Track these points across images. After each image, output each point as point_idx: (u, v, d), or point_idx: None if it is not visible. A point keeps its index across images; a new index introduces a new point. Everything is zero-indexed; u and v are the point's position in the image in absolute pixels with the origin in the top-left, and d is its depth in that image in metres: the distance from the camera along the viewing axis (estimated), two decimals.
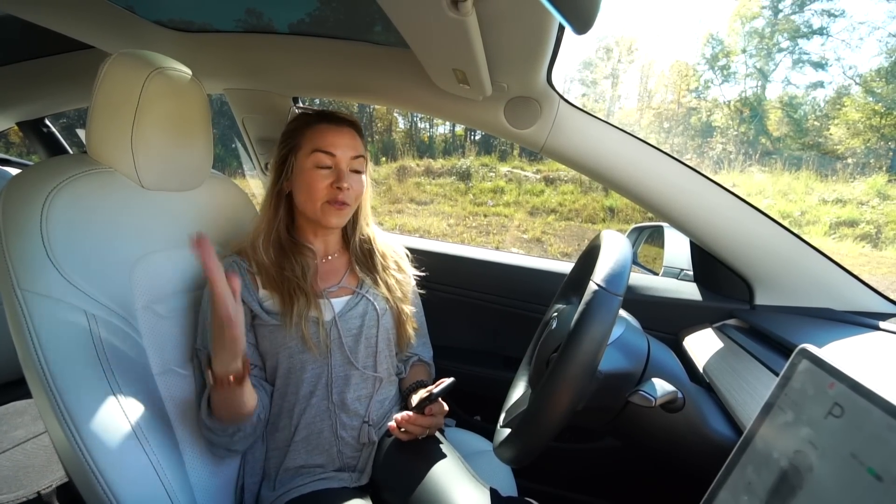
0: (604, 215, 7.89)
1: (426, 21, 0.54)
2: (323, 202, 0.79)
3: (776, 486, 0.38)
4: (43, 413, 0.60)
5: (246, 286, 0.77)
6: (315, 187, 0.78)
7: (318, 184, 0.78)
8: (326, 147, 0.78)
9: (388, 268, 0.91)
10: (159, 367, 0.73)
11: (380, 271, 0.89)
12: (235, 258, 0.80)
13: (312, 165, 0.78)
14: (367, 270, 0.88)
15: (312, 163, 0.78)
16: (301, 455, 0.79)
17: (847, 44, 13.46)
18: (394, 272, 0.91)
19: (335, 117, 0.82)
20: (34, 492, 1.02)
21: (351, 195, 0.80)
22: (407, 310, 0.89)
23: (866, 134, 10.41)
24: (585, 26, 0.45)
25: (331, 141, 0.79)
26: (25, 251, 0.60)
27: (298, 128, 0.82)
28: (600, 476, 1.17)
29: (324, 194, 0.78)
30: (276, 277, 0.78)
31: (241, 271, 0.78)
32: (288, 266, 0.80)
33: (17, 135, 1.94)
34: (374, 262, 0.90)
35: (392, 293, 0.88)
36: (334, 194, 0.78)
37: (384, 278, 0.88)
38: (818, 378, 0.38)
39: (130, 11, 0.93)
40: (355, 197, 0.82)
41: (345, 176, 0.79)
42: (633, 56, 18.22)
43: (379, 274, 0.88)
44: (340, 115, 0.83)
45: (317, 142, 0.79)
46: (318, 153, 0.78)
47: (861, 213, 6.97)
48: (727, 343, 0.85)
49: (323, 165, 0.78)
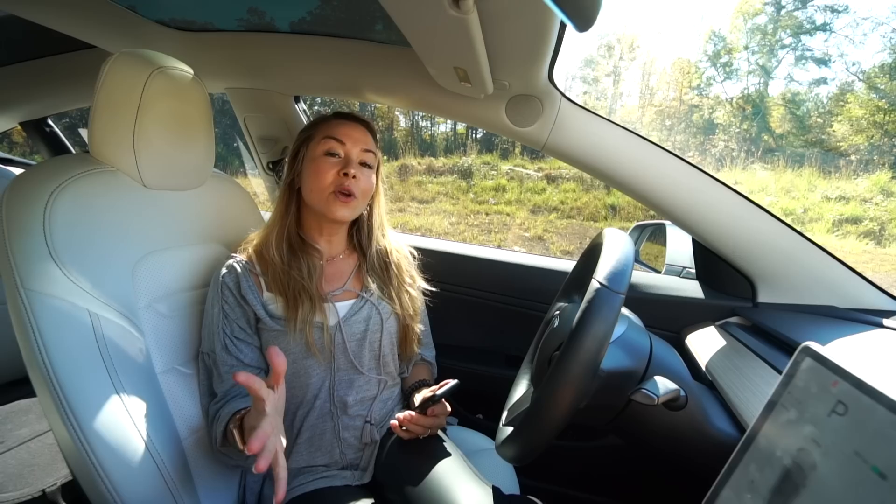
0: (606, 213, 7.88)
1: (427, 19, 0.54)
2: (329, 192, 0.78)
3: (779, 485, 0.38)
4: (47, 411, 0.60)
5: (250, 288, 0.76)
6: (323, 175, 0.78)
7: (326, 171, 0.78)
8: (338, 135, 0.79)
9: (404, 282, 0.89)
10: (162, 366, 0.73)
11: (395, 286, 0.87)
12: (239, 260, 0.79)
13: (322, 152, 0.79)
14: (382, 283, 0.87)
15: (322, 149, 0.79)
16: (304, 456, 0.79)
17: (851, 40, 13.40)
18: (408, 287, 0.89)
19: (351, 115, 0.84)
20: (39, 490, 1.03)
21: (358, 187, 0.79)
22: (417, 328, 0.89)
23: (870, 130, 10.36)
24: (587, 24, 0.45)
25: (343, 131, 0.80)
26: (29, 250, 0.60)
27: (315, 123, 0.84)
28: (602, 474, 1.17)
29: (331, 181, 0.78)
30: (282, 278, 0.77)
31: (243, 273, 0.77)
32: (295, 265, 0.79)
33: (21, 134, 1.95)
34: (389, 277, 0.88)
35: (404, 310, 0.86)
36: (341, 182, 0.77)
37: (398, 294, 0.87)
38: (821, 376, 0.38)
39: (132, 11, 0.93)
40: (363, 191, 0.81)
41: (353, 164, 0.79)
42: (634, 53, 18.17)
43: (394, 288, 0.87)
44: (358, 116, 0.84)
45: (329, 130, 0.80)
46: (328, 140, 0.79)
47: (864, 210, 6.94)
48: (730, 341, 0.85)
49: (332, 152, 0.79)
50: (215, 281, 0.77)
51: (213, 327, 0.75)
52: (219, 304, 0.75)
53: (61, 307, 0.61)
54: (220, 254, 0.86)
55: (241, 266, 0.78)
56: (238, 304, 0.76)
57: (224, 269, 0.77)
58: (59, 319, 0.60)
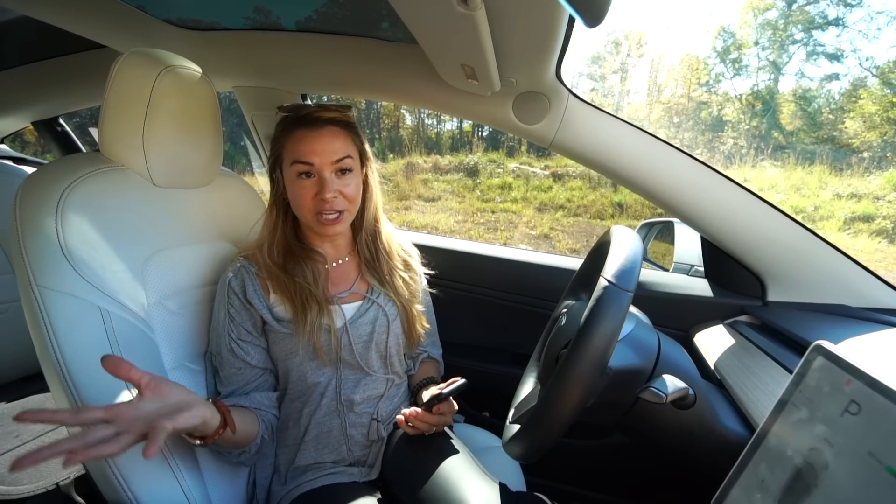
0: (612, 211, 7.82)
1: (435, 16, 0.54)
2: (313, 214, 0.75)
3: (790, 484, 0.38)
4: (60, 406, 0.61)
5: (255, 292, 0.77)
6: (301, 200, 0.75)
7: (304, 196, 0.74)
8: (302, 157, 0.73)
9: (395, 268, 0.88)
10: (171, 363, 0.74)
11: (385, 272, 0.86)
12: (244, 263, 0.79)
13: (294, 176, 0.75)
14: (374, 272, 0.86)
15: (294, 172, 0.74)
16: (311, 453, 0.80)
17: (864, 34, 13.15)
18: (401, 272, 0.88)
19: (312, 119, 0.75)
20: (53, 483, 1.04)
21: (340, 202, 0.75)
22: (416, 308, 0.88)
23: (883, 127, 10.17)
24: (597, 19, 0.44)
25: (307, 148, 0.73)
26: (41, 248, 0.61)
27: (279, 136, 0.78)
28: (610, 472, 1.17)
29: (311, 206, 0.75)
30: (287, 284, 0.77)
31: (249, 276, 0.77)
32: (299, 272, 0.78)
33: (33, 134, 1.97)
34: (380, 262, 0.87)
35: (399, 295, 0.86)
36: (320, 206, 0.74)
37: (390, 280, 0.86)
38: (834, 375, 0.37)
39: (141, 10, 0.94)
40: (348, 200, 0.77)
41: (328, 185, 0.73)
42: (642, 50, 17.98)
43: (385, 275, 0.86)
44: (319, 116, 0.75)
45: (294, 152, 0.74)
46: (296, 164, 0.74)
47: (877, 207, 6.82)
48: (739, 340, 0.84)
49: (305, 173, 0.74)
50: (222, 284, 0.78)
51: (220, 330, 0.76)
52: (225, 308, 0.76)
53: (73, 304, 0.61)
54: (229, 251, 0.87)
55: (247, 270, 0.78)
56: (244, 307, 0.76)
57: (230, 273, 0.77)
58: (72, 316, 0.61)
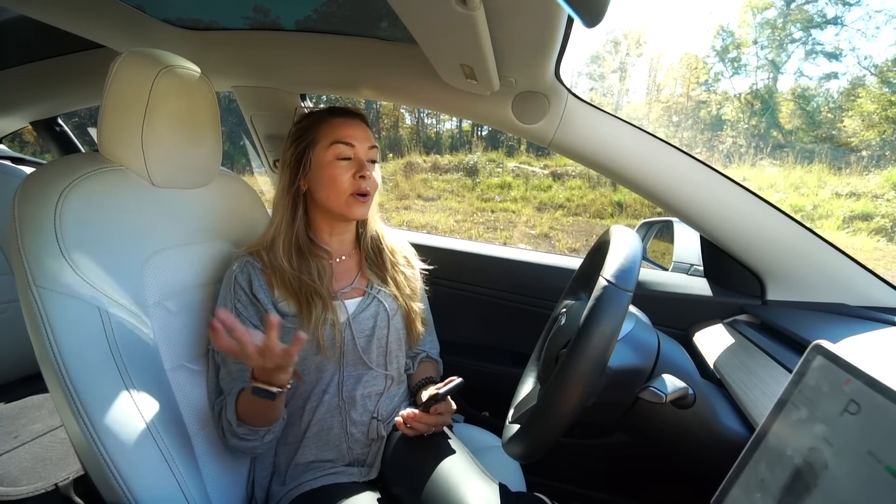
0: (612, 210, 7.82)
1: (434, 16, 0.54)
2: (348, 195, 0.79)
3: (790, 484, 0.38)
4: (59, 407, 0.61)
5: (261, 287, 0.77)
6: (339, 180, 0.78)
7: (341, 176, 0.79)
8: (346, 138, 0.79)
9: (398, 263, 0.91)
10: (171, 363, 0.74)
11: (389, 268, 0.89)
12: (248, 258, 0.79)
13: (333, 158, 0.79)
14: (377, 269, 0.88)
15: (333, 155, 0.79)
16: (311, 451, 0.80)
17: (863, 33, 13.16)
18: (403, 268, 0.91)
19: (346, 111, 0.83)
20: (52, 484, 1.04)
21: (372, 185, 0.81)
22: (416, 307, 0.89)
23: (882, 125, 10.17)
24: (596, 19, 0.44)
25: (349, 132, 0.80)
26: (40, 248, 0.61)
27: (311, 124, 0.82)
28: (610, 472, 1.17)
29: (348, 186, 0.79)
30: (293, 282, 0.78)
31: (254, 271, 0.78)
32: (305, 269, 0.79)
33: (31, 134, 1.97)
34: (383, 259, 0.90)
35: (401, 291, 0.88)
36: (358, 185, 0.79)
37: (393, 275, 0.88)
38: (833, 374, 0.37)
39: (140, 10, 0.93)
40: (375, 187, 0.83)
41: (366, 165, 0.80)
42: (641, 49, 17.98)
43: (388, 272, 0.88)
44: (349, 109, 0.84)
45: (335, 134, 0.79)
46: (338, 144, 0.79)
47: (876, 206, 6.82)
48: (738, 339, 0.84)
49: (344, 157, 0.79)
50: (227, 279, 0.78)
51: None
52: (231, 303, 0.76)
53: (72, 304, 0.61)
54: (228, 252, 0.87)
55: (252, 265, 0.78)
56: (251, 302, 0.77)
57: (236, 268, 0.78)
58: (71, 316, 0.61)
